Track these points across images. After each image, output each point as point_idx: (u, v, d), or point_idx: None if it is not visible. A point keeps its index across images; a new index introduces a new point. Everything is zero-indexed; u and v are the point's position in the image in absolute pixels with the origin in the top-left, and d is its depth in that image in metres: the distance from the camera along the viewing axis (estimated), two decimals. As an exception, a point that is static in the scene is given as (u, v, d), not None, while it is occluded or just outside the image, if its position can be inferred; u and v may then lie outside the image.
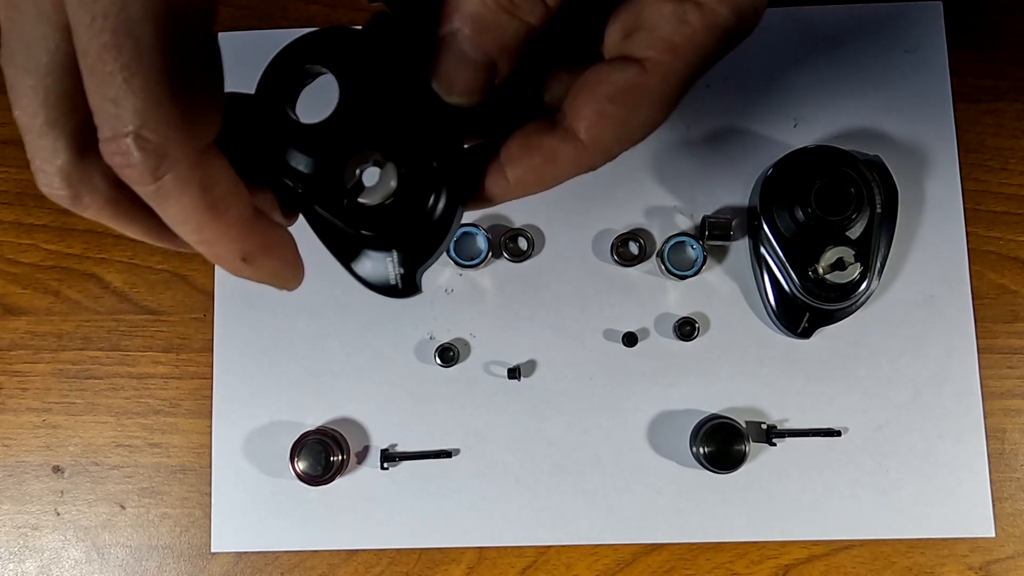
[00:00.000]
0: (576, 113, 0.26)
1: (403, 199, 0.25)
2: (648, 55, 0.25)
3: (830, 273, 0.46)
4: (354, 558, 0.50)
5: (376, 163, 0.25)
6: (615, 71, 0.25)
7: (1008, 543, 0.49)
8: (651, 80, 0.25)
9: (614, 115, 0.25)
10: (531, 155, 0.26)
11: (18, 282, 0.53)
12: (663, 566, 0.50)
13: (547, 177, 0.27)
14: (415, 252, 0.26)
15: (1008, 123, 0.52)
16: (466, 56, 0.24)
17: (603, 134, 0.25)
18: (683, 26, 0.24)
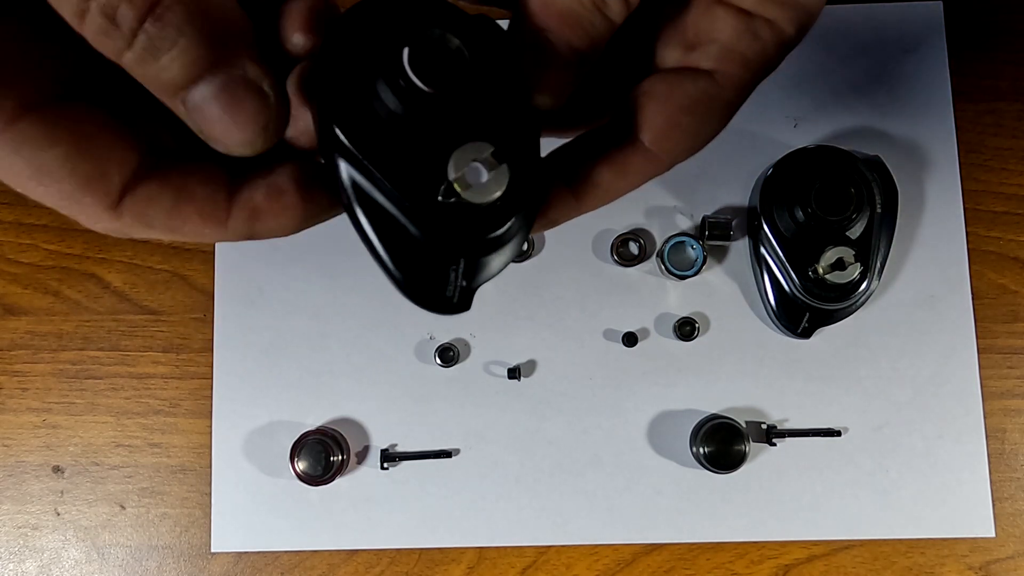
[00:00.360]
0: (647, 123, 0.26)
1: (508, 204, 0.23)
2: (719, 67, 0.25)
3: (830, 273, 0.46)
4: (354, 558, 0.50)
5: (485, 159, 0.22)
6: (687, 82, 0.25)
7: (1008, 543, 0.49)
8: (725, 92, 0.25)
9: (687, 126, 0.25)
10: (601, 169, 0.26)
11: (18, 282, 0.53)
12: (663, 566, 0.50)
13: (618, 189, 0.26)
14: (482, 264, 0.24)
15: (1008, 123, 0.52)
16: (558, 55, 0.23)
17: (675, 144, 0.26)
18: (755, 41, 0.25)
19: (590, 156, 0.26)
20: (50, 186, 0.20)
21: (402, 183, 0.22)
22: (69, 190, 0.20)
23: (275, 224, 0.22)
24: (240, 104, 0.19)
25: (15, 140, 0.19)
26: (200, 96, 0.19)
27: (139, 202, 0.21)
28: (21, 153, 0.19)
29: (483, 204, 0.22)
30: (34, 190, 0.20)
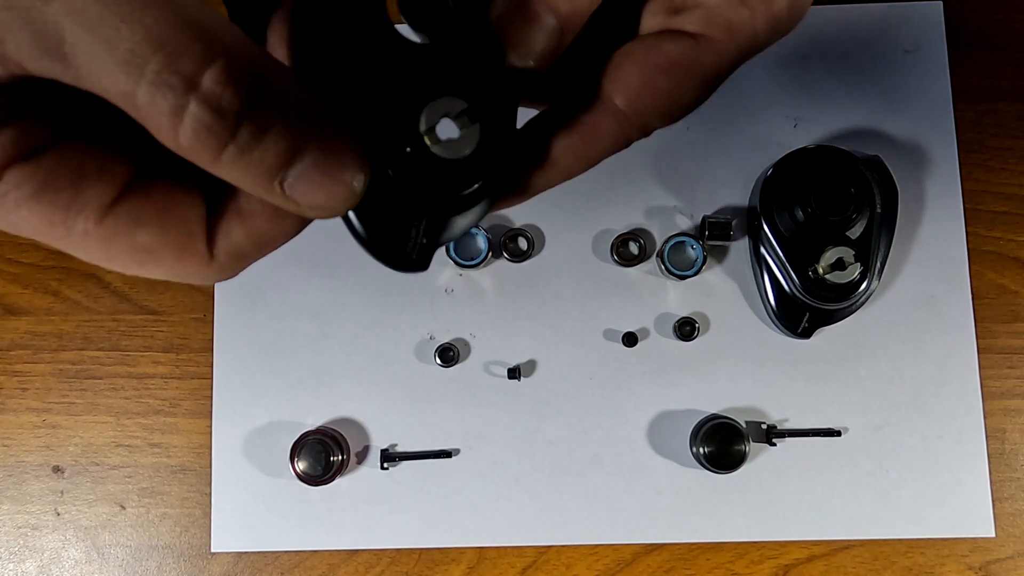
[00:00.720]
0: (620, 82, 0.25)
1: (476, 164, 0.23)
2: (704, 32, 0.24)
3: (830, 273, 0.46)
4: (354, 558, 0.50)
5: (458, 116, 0.23)
6: (667, 42, 0.24)
7: (1008, 543, 0.49)
8: (707, 56, 0.24)
9: (662, 86, 0.24)
10: (569, 134, 0.25)
11: (18, 282, 0.53)
12: (663, 566, 0.50)
13: (588, 156, 0.25)
14: (445, 224, 0.24)
15: (1008, 123, 0.52)
16: (540, 17, 0.23)
17: (649, 107, 0.25)
18: (742, 8, 0.24)
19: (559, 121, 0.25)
20: (154, 263, 0.21)
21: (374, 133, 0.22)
22: (170, 260, 0.21)
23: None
24: (339, 164, 0.20)
25: (108, 234, 0.20)
26: (299, 171, 0.19)
27: (226, 242, 0.22)
28: (117, 243, 0.20)
29: (450, 160, 0.22)
30: (138, 269, 0.21)
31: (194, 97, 0.17)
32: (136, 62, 0.16)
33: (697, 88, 0.25)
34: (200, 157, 0.18)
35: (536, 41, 0.23)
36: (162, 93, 0.17)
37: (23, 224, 0.20)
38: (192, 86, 0.17)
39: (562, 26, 0.23)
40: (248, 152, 0.18)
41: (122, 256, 0.21)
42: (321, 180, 0.19)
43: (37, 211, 0.19)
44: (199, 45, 0.17)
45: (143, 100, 0.17)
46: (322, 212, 0.20)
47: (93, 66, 0.17)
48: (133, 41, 0.16)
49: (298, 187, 0.19)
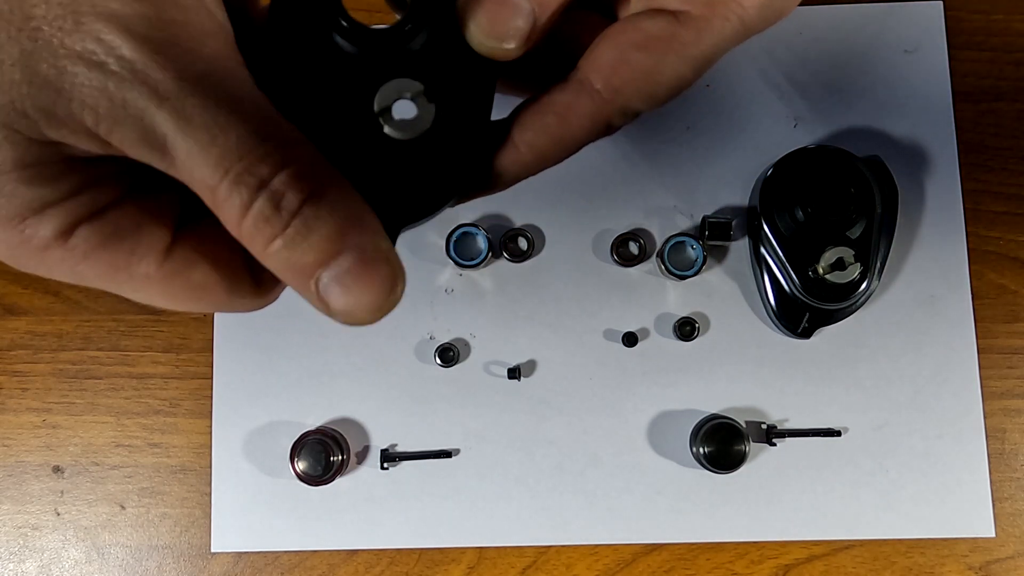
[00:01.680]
0: (595, 62, 0.24)
1: (432, 145, 0.23)
2: (684, 8, 0.23)
3: (830, 273, 0.46)
4: (354, 558, 0.50)
5: (414, 98, 0.23)
6: (644, 20, 0.24)
7: (1008, 543, 0.49)
8: (686, 32, 0.23)
9: (639, 63, 0.23)
10: (543, 114, 0.24)
11: (18, 282, 0.53)
12: (663, 566, 0.50)
13: (562, 138, 0.24)
14: (404, 209, 0.24)
15: (1008, 123, 0.52)
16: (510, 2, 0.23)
17: (624, 84, 0.24)
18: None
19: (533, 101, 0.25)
20: (209, 299, 0.23)
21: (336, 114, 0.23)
22: (223, 294, 0.23)
23: None
24: (372, 273, 0.21)
25: (167, 276, 0.22)
26: (334, 273, 0.21)
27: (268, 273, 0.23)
28: (175, 284, 0.22)
29: (404, 141, 0.23)
30: (196, 306, 0.23)
31: (262, 194, 0.19)
32: (224, 165, 0.19)
33: (676, 65, 0.24)
34: (254, 245, 0.20)
35: (507, 23, 0.23)
36: (239, 190, 0.19)
37: (89, 272, 0.21)
38: (263, 185, 0.19)
39: (535, 9, 0.23)
40: (293, 247, 0.20)
41: (180, 294, 0.23)
42: (352, 285, 0.21)
43: (104, 260, 0.21)
44: (276, 156, 0.20)
45: (222, 194, 0.19)
46: (348, 317, 0.22)
47: (188, 162, 0.19)
48: (226, 147, 0.19)
49: (331, 289, 0.21)
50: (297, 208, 0.20)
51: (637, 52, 0.23)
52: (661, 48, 0.23)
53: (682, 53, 0.23)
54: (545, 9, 0.23)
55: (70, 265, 0.21)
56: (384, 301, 0.21)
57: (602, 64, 0.24)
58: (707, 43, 0.23)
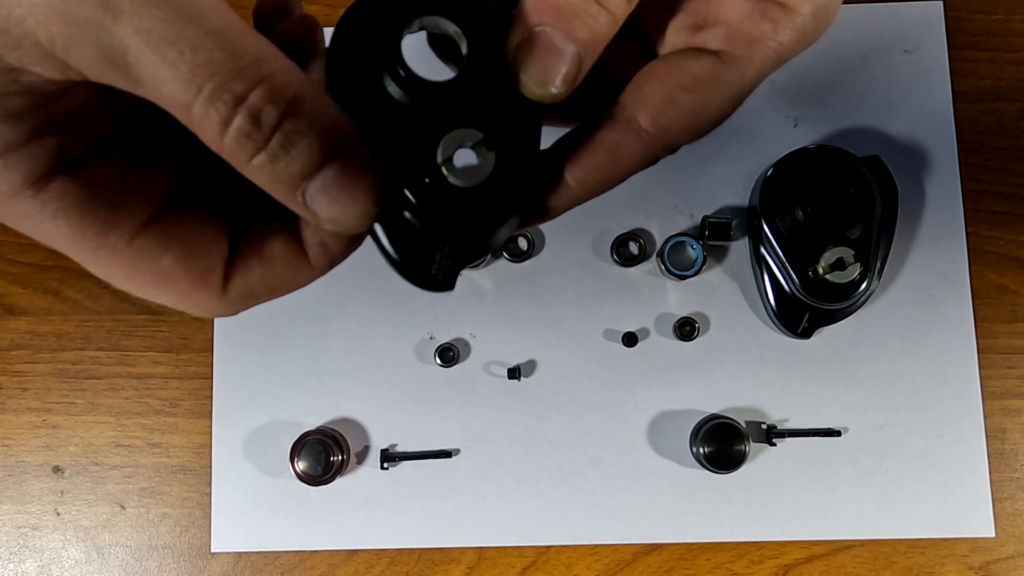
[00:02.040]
0: (643, 102, 0.25)
1: (492, 189, 0.24)
2: (726, 48, 0.24)
3: (830, 273, 0.46)
4: (354, 558, 0.50)
5: (475, 146, 0.24)
6: (689, 60, 0.25)
7: (1008, 543, 0.49)
8: (729, 72, 0.24)
9: (687, 104, 0.25)
10: (594, 153, 0.25)
11: (18, 282, 0.53)
12: (663, 566, 0.50)
13: (612, 175, 0.26)
14: (468, 247, 0.25)
15: (1008, 123, 0.52)
16: (556, 47, 0.23)
17: (672, 123, 0.25)
18: (764, 22, 0.24)
19: (583, 140, 0.26)
20: (169, 289, 0.22)
21: (399, 165, 0.23)
22: (186, 288, 0.22)
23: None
24: (356, 183, 0.21)
25: (135, 254, 0.22)
26: (319, 184, 0.21)
27: (241, 281, 0.23)
28: (141, 265, 0.22)
29: (468, 188, 0.24)
30: (152, 293, 0.22)
31: (240, 111, 0.19)
32: (196, 81, 0.19)
33: (722, 103, 0.25)
34: (237, 160, 0.20)
35: (555, 69, 0.24)
36: (215, 107, 0.19)
37: (55, 234, 0.21)
38: (239, 102, 0.19)
39: (580, 52, 0.24)
40: (276, 160, 0.20)
41: (141, 277, 0.22)
42: (338, 195, 0.21)
43: (73, 224, 0.21)
44: (249, 70, 0.19)
45: (198, 112, 0.19)
46: (337, 225, 0.21)
47: (155, 80, 0.19)
48: (195, 64, 0.19)
49: (317, 199, 0.21)
50: (277, 122, 0.20)
51: (684, 93, 0.25)
52: (707, 88, 0.25)
53: (726, 92, 0.25)
54: (591, 51, 0.24)
55: (35, 221, 0.21)
56: (371, 207, 0.22)
57: (650, 104, 0.25)
58: (749, 79, 0.25)
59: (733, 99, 0.25)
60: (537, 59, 0.23)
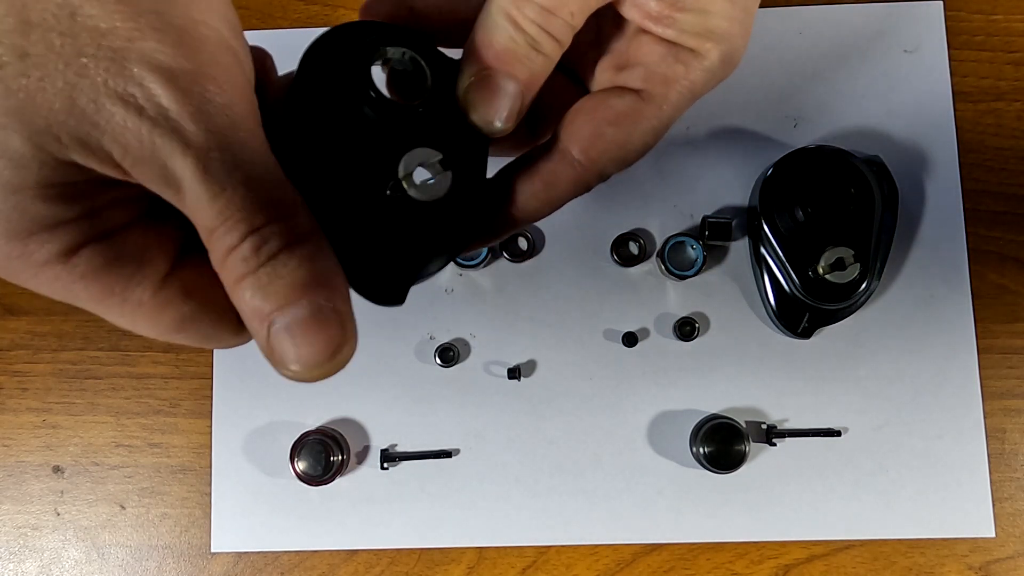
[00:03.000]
0: (574, 135, 0.28)
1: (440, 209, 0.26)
2: (645, 87, 0.28)
3: (830, 273, 0.46)
4: (354, 558, 0.50)
5: (433, 165, 0.26)
6: (613, 97, 0.29)
7: (1008, 543, 0.49)
8: (648, 108, 0.28)
9: (612, 137, 0.28)
10: (532, 181, 0.29)
11: (18, 282, 0.53)
12: (663, 566, 0.50)
13: (549, 200, 0.29)
14: (415, 266, 0.27)
15: (1008, 123, 0.52)
16: (502, 88, 0.27)
17: (601, 155, 0.28)
18: (677, 65, 0.28)
19: (523, 169, 0.29)
20: (190, 331, 0.24)
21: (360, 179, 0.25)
22: (208, 330, 0.24)
23: None
24: (321, 331, 0.22)
25: (160, 305, 0.23)
26: (286, 320, 0.22)
27: None
28: (165, 314, 0.23)
29: (425, 202, 0.25)
30: (176, 337, 0.24)
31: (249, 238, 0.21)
32: (226, 214, 0.21)
33: (643, 135, 0.28)
34: (227, 280, 0.22)
35: (501, 106, 0.27)
36: (231, 235, 0.21)
37: (82, 293, 0.22)
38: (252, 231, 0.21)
39: (521, 90, 0.27)
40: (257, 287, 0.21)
41: (167, 324, 0.23)
42: (300, 337, 0.22)
43: (102, 284, 0.22)
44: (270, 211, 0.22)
45: (218, 235, 0.21)
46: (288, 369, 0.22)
47: (195, 204, 0.21)
48: (231, 200, 0.21)
49: (280, 335, 0.22)
50: (275, 253, 0.21)
51: (609, 127, 0.28)
52: (629, 122, 0.28)
53: (646, 126, 0.28)
54: (530, 88, 0.27)
55: (65, 283, 0.22)
56: (326, 361, 0.22)
57: (580, 137, 0.28)
58: (666, 114, 0.28)
59: (654, 132, 0.29)
60: (484, 98, 0.27)
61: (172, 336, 0.24)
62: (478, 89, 0.27)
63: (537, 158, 0.29)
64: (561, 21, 0.26)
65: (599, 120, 0.28)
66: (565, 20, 0.26)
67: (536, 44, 0.26)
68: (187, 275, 0.24)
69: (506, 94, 0.27)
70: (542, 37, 0.26)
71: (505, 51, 0.26)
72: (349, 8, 0.54)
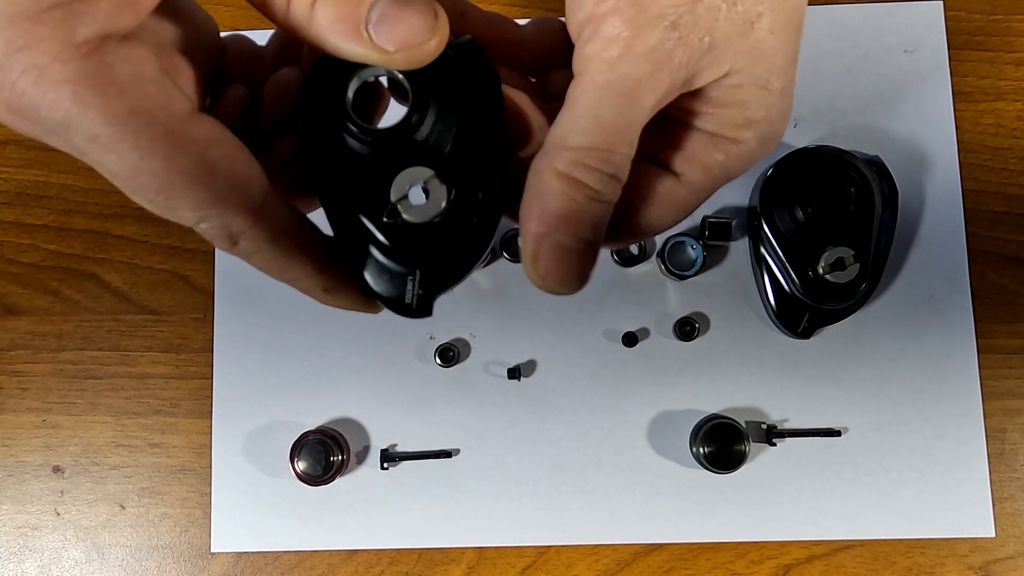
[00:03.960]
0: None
1: (446, 224, 0.25)
2: (683, 171, 0.28)
3: (830, 273, 0.46)
4: (354, 558, 0.50)
5: (426, 183, 0.25)
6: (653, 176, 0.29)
7: (1008, 543, 0.49)
8: (683, 191, 0.29)
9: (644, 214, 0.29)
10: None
11: (18, 282, 0.53)
12: (663, 566, 0.50)
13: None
14: (437, 276, 0.26)
15: (1008, 123, 0.52)
16: (572, 250, 0.25)
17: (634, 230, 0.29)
18: (717, 153, 0.28)
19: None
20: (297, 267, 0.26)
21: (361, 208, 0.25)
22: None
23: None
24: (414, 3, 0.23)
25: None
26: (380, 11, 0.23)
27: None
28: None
29: (423, 224, 0.25)
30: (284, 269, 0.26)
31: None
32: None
33: (675, 213, 0.29)
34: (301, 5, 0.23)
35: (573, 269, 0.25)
36: None
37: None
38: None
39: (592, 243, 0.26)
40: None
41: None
42: (402, 15, 0.23)
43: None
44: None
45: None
46: (411, 51, 0.23)
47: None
48: None
49: (381, 27, 0.23)
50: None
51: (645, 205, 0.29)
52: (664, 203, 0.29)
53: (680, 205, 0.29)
54: (599, 237, 0.26)
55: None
56: (433, 22, 0.23)
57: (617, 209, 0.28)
58: (700, 197, 0.29)
59: (685, 211, 0.29)
60: (559, 267, 0.25)
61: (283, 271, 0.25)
62: (550, 259, 0.25)
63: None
64: (620, 156, 0.25)
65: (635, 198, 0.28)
66: (624, 155, 0.25)
67: (598, 195, 0.25)
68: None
69: (578, 254, 0.25)
70: (603, 185, 0.25)
71: (568, 213, 0.25)
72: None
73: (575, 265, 0.25)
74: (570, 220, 0.25)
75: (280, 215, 0.25)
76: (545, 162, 0.25)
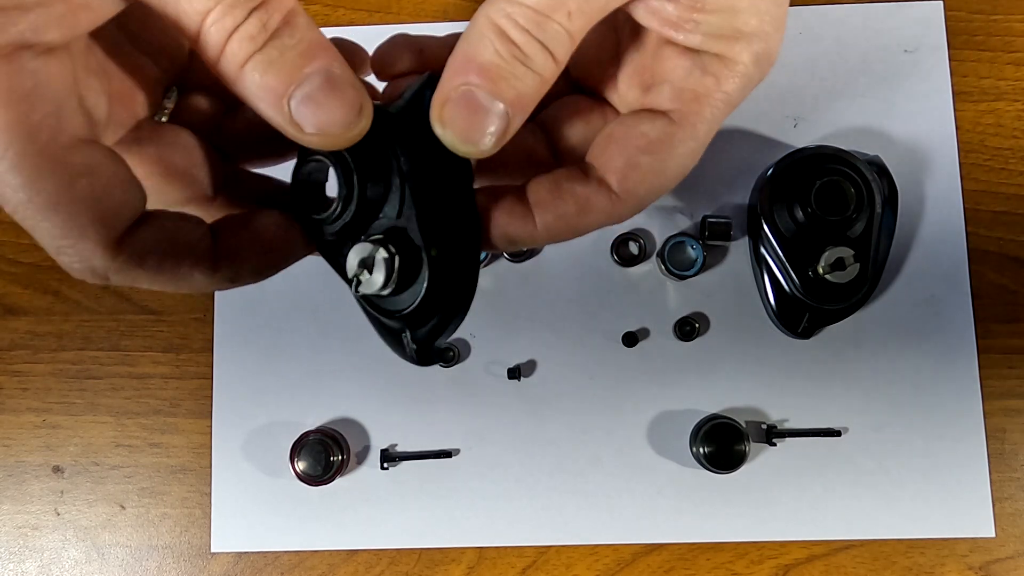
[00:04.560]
0: (607, 164, 0.26)
1: (399, 289, 0.26)
2: (675, 107, 0.26)
3: (830, 273, 0.46)
4: (354, 558, 0.50)
5: (373, 255, 0.25)
6: (644, 123, 0.26)
7: (1008, 543, 0.49)
8: (681, 131, 0.26)
9: (647, 166, 0.26)
10: (564, 202, 0.27)
11: (18, 282, 0.53)
12: (663, 566, 0.50)
13: (578, 226, 0.27)
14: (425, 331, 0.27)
15: (1008, 123, 0.52)
16: (482, 106, 0.24)
17: (636, 186, 0.26)
18: (706, 77, 0.25)
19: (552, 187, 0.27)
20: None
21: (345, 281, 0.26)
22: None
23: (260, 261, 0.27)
24: (341, 93, 0.23)
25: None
26: (305, 92, 0.22)
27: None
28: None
29: (374, 294, 0.26)
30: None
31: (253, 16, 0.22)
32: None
33: (680, 161, 0.26)
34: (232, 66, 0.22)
35: (483, 127, 0.24)
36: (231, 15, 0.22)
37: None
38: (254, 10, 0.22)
39: (508, 111, 0.24)
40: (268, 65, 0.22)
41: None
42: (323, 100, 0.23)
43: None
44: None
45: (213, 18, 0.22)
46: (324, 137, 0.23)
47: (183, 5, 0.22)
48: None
49: (302, 108, 0.22)
50: (278, 28, 0.22)
51: (643, 156, 0.26)
52: (664, 149, 0.26)
53: (682, 150, 0.26)
54: (518, 110, 0.24)
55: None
56: (354, 117, 0.23)
57: (614, 167, 0.26)
58: (702, 134, 0.26)
59: (691, 155, 0.26)
60: (464, 117, 0.24)
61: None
62: (456, 106, 0.24)
63: (570, 178, 0.27)
64: (556, 27, 0.23)
65: (632, 149, 0.26)
66: (561, 26, 0.23)
67: (526, 59, 0.23)
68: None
69: (490, 114, 0.24)
70: (533, 49, 0.23)
71: (490, 66, 0.23)
72: (348, 8, 0.54)
73: (481, 124, 0.24)
74: (490, 75, 0.23)
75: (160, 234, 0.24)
76: (484, 10, 0.24)
